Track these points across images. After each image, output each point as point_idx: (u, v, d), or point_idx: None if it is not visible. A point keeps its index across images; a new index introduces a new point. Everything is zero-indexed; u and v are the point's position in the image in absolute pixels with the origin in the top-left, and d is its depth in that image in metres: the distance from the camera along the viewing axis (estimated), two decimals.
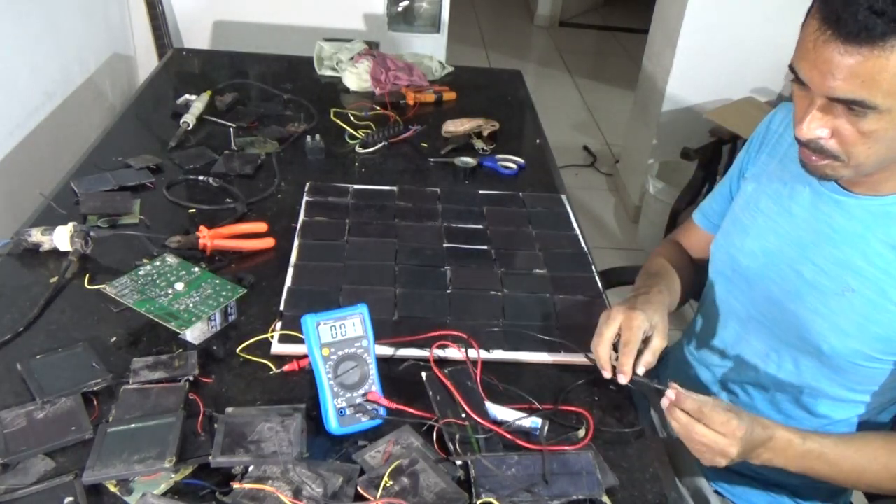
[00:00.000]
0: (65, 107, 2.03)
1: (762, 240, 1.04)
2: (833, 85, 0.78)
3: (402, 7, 2.59)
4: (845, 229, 0.94)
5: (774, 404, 1.06)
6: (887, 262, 0.91)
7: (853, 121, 0.81)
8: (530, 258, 1.20)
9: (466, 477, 0.79)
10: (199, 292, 0.99)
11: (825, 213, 0.97)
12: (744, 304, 1.08)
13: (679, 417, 0.86)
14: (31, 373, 0.88)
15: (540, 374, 0.98)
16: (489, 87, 1.94)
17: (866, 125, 0.80)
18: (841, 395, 1.01)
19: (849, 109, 0.80)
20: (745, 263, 1.06)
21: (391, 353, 0.97)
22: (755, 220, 1.06)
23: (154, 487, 0.76)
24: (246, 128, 1.55)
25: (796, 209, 1.01)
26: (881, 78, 0.76)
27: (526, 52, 4.99)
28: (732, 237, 1.10)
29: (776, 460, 0.92)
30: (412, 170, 1.47)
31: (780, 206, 1.03)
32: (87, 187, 1.26)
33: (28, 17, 1.84)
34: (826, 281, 0.96)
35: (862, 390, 0.99)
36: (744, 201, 1.10)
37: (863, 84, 0.77)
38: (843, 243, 0.94)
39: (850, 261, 0.93)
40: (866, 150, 0.83)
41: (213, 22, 2.55)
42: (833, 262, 0.95)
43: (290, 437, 0.79)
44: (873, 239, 0.92)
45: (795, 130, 0.85)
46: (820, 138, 0.84)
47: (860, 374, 0.97)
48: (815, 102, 0.82)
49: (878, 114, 0.79)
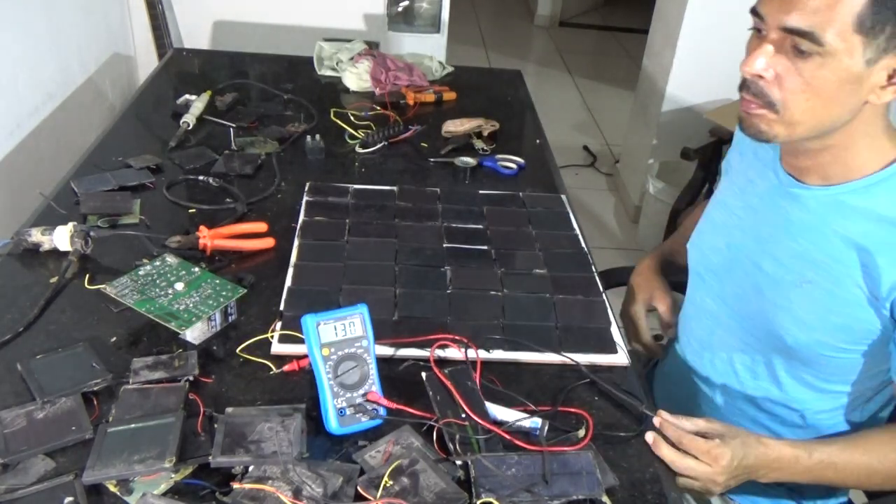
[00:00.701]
0: (65, 107, 2.03)
1: (728, 235, 1.06)
2: (789, 13, 0.80)
3: (402, 7, 2.59)
4: (801, 221, 0.95)
5: (753, 402, 1.06)
6: (841, 252, 0.91)
7: (798, 65, 0.82)
8: (530, 258, 1.20)
9: (466, 477, 0.79)
10: (199, 292, 0.99)
11: (782, 206, 0.98)
12: (715, 301, 1.08)
13: (665, 455, 0.87)
14: (31, 373, 0.88)
15: (540, 374, 0.98)
16: (489, 87, 1.94)
17: (809, 70, 0.81)
18: (819, 387, 1.00)
19: (796, 53, 0.81)
20: (714, 260, 1.08)
21: (391, 353, 0.97)
22: (723, 216, 1.08)
23: (154, 487, 0.76)
24: (246, 128, 1.55)
25: (756, 203, 1.02)
26: (835, 11, 0.78)
27: (526, 52, 4.99)
28: (704, 234, 1.12)
29: (784, 476, 0.93)
30: (412, 170, 1.47)
31: (743, 202, 1.04)
32: (87, 187, 1.26)
33: (28, 17, 1.84)
34: (785, 274, 0.96)
35: (838, 381, 0.99)
36: (716, 198, 1.11)
37: (816, 13, 0.78)
38: (799, 235, 0.95)
39: (807, 253, 0.94)
40: (804, 101, 0.83)
41: (213, 22, 2.55)
42: (791, 255, 0.96)
43: (290, 437, 0.79)
44: (827, 230, 0.92)
45: (741, 67, 0.86)
46: (762, 77, 0.84)
47: (832, 366, 0.97)
48: (767, 38, 0.83)
49: (822, 59, 0.80)
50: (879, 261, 0.87)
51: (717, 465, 0.86)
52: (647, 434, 0.88)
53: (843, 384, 0.99)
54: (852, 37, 0.78)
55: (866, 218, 0.89)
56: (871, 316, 0.90)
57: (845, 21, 0.78)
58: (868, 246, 0.88)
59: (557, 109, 3.98)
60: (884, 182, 0.89)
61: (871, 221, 0.89)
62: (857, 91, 0.83)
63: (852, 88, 0.82)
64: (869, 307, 0.90)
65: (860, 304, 0.90)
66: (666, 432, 0.88)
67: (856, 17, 0.77)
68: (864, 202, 0.90)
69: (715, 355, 1.10)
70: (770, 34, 0.83)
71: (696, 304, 1.13)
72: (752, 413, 1.07)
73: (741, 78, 0.87)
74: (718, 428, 0.89)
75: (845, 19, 0.78)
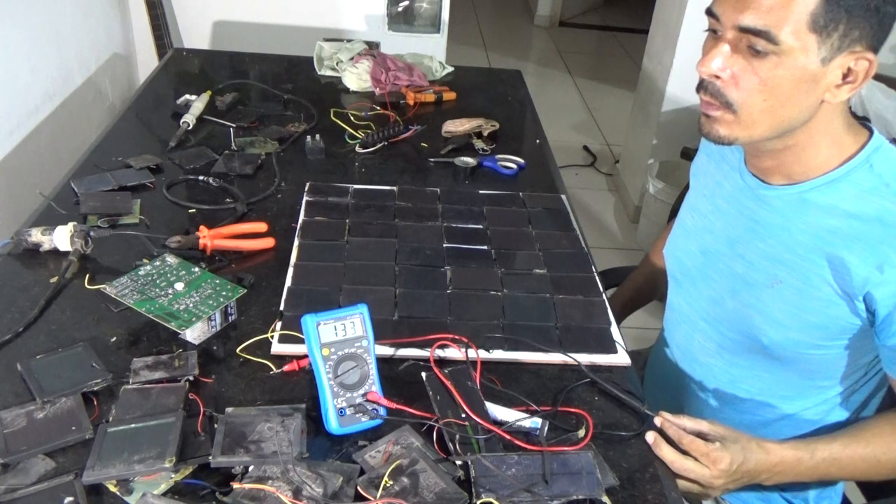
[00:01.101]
0: (65, 107, 2.03)
1: (700, 239, 1.06)
2: (743, 12, 0.80)
3: (402, 7, 2.59)
4: (768, 222, 0.95)
5: (735, 404, 1.06)
6: (808, 250, 0.91)
7: (754, 65, 0.82)
8: (530, 258, 1.20)
9: (466, 477, 0.79)
10: (199, 292, 0.99)
11: (749, 207, 0.98)
12: (692, 306, 1.09)
13: (665, 455, 0.86)
14: (31, 373, 0.88)
15: (540, 374, 0.98)
16: (489, 87, 1.94)
17: (765, 69, 0.82)
18: (801, 385, 1.00)
19: (751, 53, 0.82)
20: (689, 264, 1.08)
21: (391, 353, 0.97)
22: (694, 221, 1.08)
23: (154, 487, 0.76)
24: (246, 128, 1.56)
25: (724, 206, 1.02)
26: (790, 10, 0.78)
27: (526, 52, 4.99)
28: (677, 239, 1.12)
29: (788, 479, 0.93)
30: (412, 170, 1.47)
31: (712, 205, 1.05)
32: (87, 187, 1.26)
33: (28, 17, 1.84)
34: (756, 275, 0.97)
35: (821, 377, 0.99)
36: (687, 203, 1.12)
37: (771, 11, 0.79)
38: (767, 236, 0.95)
39: (776, 253, 0.94)
40: (761, 101, 0.84)
41: (213, 22, 2.55)
42: (761, 256, 0.96)
43: (290, 437, 0.79)
44: (794, 229, 0.93)
45: (697, 67, 0.86)
46: (719, 78, 0.85)
47: (812, 363, 0.97)
48: (723, 38, 0.84)
49: (777, 58, 0.81)
50: (847, 257, 0.87)
51: (715, 467, 0.86)
52: (648, 434, 0.88)
53: (825, 380, 0.99)
54: (807, 35, 0.79)
55: (831, 214, 0.89)
56: (844, 312, 0.90)
57: (799, 20, 0.78)
58: (835, 242, 0.89)
59: (557, 109, 3.98)
60: (845, 177, 0.89)
61: (836, 218, 0.89)
62: (813, 90, 0.83)
63: (808, 87, 0.83)
64: (842, 303, 0.90)
65: (832, 302, 0.90)
66: (667, 432, 0.88)
67: (809, 16, 0.78)
68: (827, 199, 0.90)
69: (695, 360, 1.10)
70: (726, 34, 0.83)
71: (675, 309, 1.14)
72: (737, 416, 1.06)
73: (699, 78, 0.88)
74: (720, 431, 0.89)
75: (799, 18, 0.78)
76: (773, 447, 0.91)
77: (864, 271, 0.86)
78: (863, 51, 0.81)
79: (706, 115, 0.89)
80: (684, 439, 0.87)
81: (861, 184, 0.88)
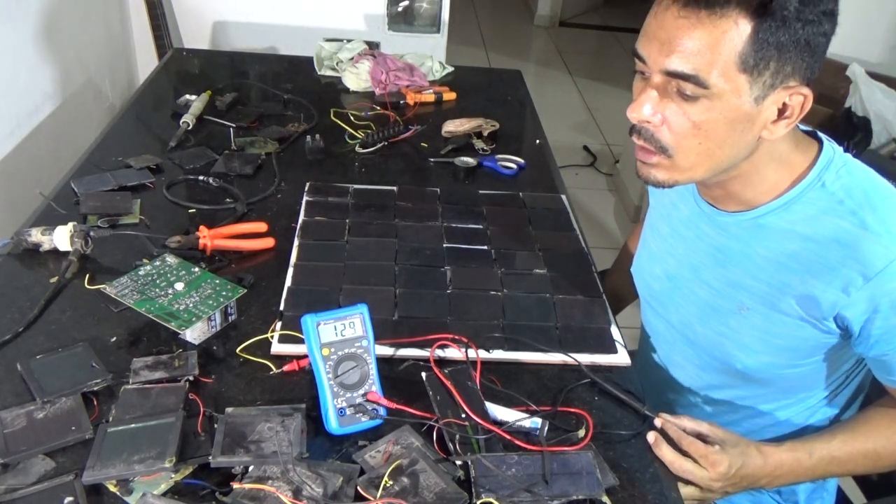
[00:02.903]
0: (65, 107, 2.03)
1: (663, 263, 1.04)
2: (669, 56, 0.77)
3: (402, 7, 2.58)
4: (728, 248, 0.93)
5: (718, 417, 1.04)
6: (770, 276, 0.90)
7: (686, 109, 0.80)
8: (530, 258, 1.20)
9: (466, 477, 0.79)
10: (199, 292, 0.99)
11: (707, 233, 0.96)
12: (665, 325, 1.07)
13: (665, 456, 0.86)
14: (31, 373, 0.88)
15: (540, 374, 0.98)
16: (489, 87, 1.94)
17: (697, 113, 0.79)
18: (782, 399, 1.00)
19: (682, 97, 0.79)
20: (656, 287, 1.07)
21: (391, 353, 0.97)
22: (657, 243, 1.06)
23: (154, 487, 0.76)
24: (246, 128, 1.55)
25: (683, 230, 1.00)
26: (717, 52, 0.75)
27: (526, 52, 4.99)
28: (643, 261, 1.10)
29: (789, 481, 0.93)
30: (412, 170, 1.47)
31: (671, 228, 1.03)
32: (87, 187, 1.26)
33: (28, 18, 1.84)
34: (722, 301, 0.95)
35: (802, 389, 0.98)
36: (648, 223, 1.10)
37: (697, 55, 0.76)
38: (729, 263, 0.94)
39: (739, 280, 0.92)
40: (696, 145, 0.81)
41: (213, 22, 2.55)
42: (724, 283, 0.94)
43: (290, 437, 0.79)
44: (754, 255, 0.91)
45: (628, 113, 0.83)
46: (650, 122, 0.82)
47: (789, 381, 0.96)
48: (651, 82, 0.81)
49: (709, 101, 0.78)
50: (810, 282, 0.86)
51: (714, 470, 0.86)
52: (649, 434, 0.88)
53: (805, 391, 0.99)
54: (737, 77, 0.76)
55: (788, 239, 0.88)
56: (813, 334, 0.89)
57: (728, 61, 0.76)
58: (795, 268, 0.87)
59: (557, 109, 3.97)
60: (798, 198, 0.87)
61: (794, 242, 0.87)
62: (749, 129, 0.81)
63: (744, 127, 0.80)
64: (810, 327, 0.89)
65: (800, 326, 0.89)
66: (668, 432, 0.88)
67: (738, 57, 0.75)
68: (783, 223, 0.88)
69: (675, 378, 1.09)
70: (653, 77, 0.80)
71: (650, 326, 1.13)
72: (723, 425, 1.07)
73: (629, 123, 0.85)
74: (720, 434, 0.89)
75: (728, 59, 0.75)
76: (771, 451, 0.90)
77: (831, 296, 0.85)
78: (797, 85, 0.79)
79: (643, 163, 0.87)
80: (684, 440, 0.87)
81: (815, 203, 0.86)
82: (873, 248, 0.81)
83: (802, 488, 1.08)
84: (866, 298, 0.83)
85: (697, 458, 0.86)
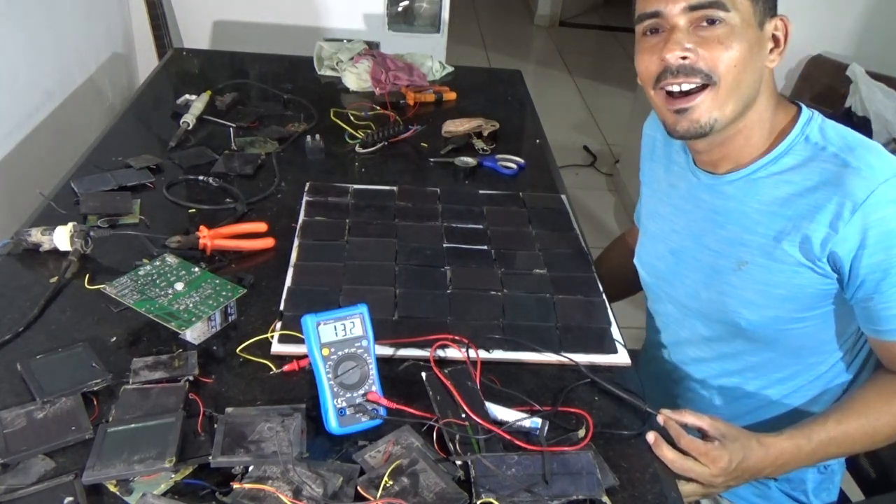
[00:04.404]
0: (65, 107, 2.03)
1: (667, 241, 1.09)
2: None
3: (402, 7, 2.58)
4: (725, 208, 0.99)
5: (724, 393, 1.08)
6: (766, 227, 0.95)
7: (715, 33, 0.88)
8: (530, 258, 1.20)
9: (466, 477, 0.79)
10: (199, 292, 0.99)
11: (705, 200, 1.02)
12: (672, 304, 1.11)
13: (665, 455, 0.87)
14: (31, 373, 0.88)
15: (540, 374, 0.98)
16: (489, 87, 1.94)
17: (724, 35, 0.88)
18: (789, 365, 1.02)
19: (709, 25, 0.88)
20: (661, 267, 1.11)
21: (391, 353, 0.97)
22: (657, 226, 1.12)
23: (154, 487, 0.76)
24: (246, 128, 1.55)
25: (682, 204, 1.06)
26: None
27: (526, 52, 4.99)
28: (646, 246, 1.15)
29: (792, 468, 0.94)
30: (412, 170, 1.47)
31: (671, 206, 1.09)
32: (87, 187, 1.26)
33: (28, 17, 1.84)
34: (723, 261, 1.00)
35: (808, 352, 1.00)
36: (647, 210, 1.16)
37: None
38: (727, 223, 0.99)
39: (737, 236, 0.98)
40: (732, 66, 0.88)
41: (213, 22, 2.55)
42: (724, 243, 1.00)
43: (290, 437, 0.79)
44: (749, 210, 0.97)
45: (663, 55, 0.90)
46: (689, 53, 0.88)
47: (794, 339, 0.99)
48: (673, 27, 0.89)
49: (729, 26, 0.87)
50: (803, 224, 0.91)
51: (714, 466, 0.87)
52: (649, 434, 0.88)
53: (812, 356, 1.01)
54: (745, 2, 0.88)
55: (779, 188, 0.94)
56: (811, 279, 0.93)
57: None
58: (788, 214, 0.92)
59: (557, 109, 3.97)
60: (786, 152, 0.94)
61: (785, 189, 0.93)
62: (760, 54, 0.91)
63: (758, 52, 0.90)
64: (807, 271, 0.92)
65: (797, 272, 0.93)
66: (669, 430, 0.88)
67: None
68: (773, 175, 0.95)
69: (685, 357, 1.12)
70: (674, 21, 0.88)
71: (658, 314, 1.16)
72: (734, 405, 1.08)
73: (654, 76, 0.92)
74: (721, 428, 0.90)
75: None
76: (771, 441, 0.92)
77: (821, 233, 0.89)
78: (777, 15, 0.91)
79: (679, 110, 0.92)
80: (683, 439, 0.87)
81: (801, 154, 0.94)
82: (854, 181, 0.87)
83: (810, 480, 1.09)
84: (854, 232, 0.87)
85: (698, 455, 0.87)
